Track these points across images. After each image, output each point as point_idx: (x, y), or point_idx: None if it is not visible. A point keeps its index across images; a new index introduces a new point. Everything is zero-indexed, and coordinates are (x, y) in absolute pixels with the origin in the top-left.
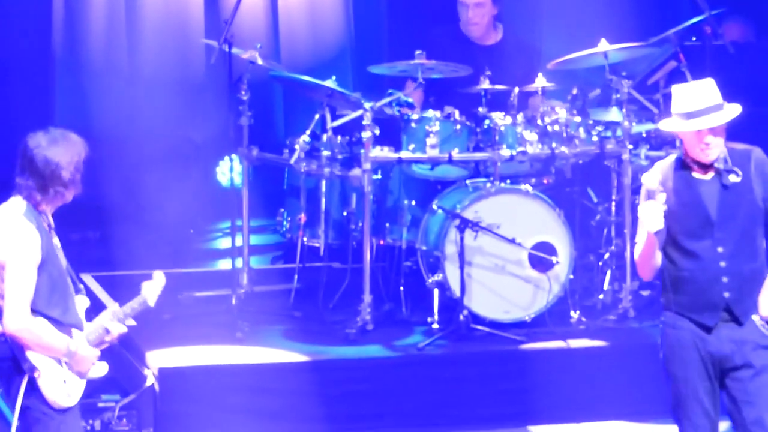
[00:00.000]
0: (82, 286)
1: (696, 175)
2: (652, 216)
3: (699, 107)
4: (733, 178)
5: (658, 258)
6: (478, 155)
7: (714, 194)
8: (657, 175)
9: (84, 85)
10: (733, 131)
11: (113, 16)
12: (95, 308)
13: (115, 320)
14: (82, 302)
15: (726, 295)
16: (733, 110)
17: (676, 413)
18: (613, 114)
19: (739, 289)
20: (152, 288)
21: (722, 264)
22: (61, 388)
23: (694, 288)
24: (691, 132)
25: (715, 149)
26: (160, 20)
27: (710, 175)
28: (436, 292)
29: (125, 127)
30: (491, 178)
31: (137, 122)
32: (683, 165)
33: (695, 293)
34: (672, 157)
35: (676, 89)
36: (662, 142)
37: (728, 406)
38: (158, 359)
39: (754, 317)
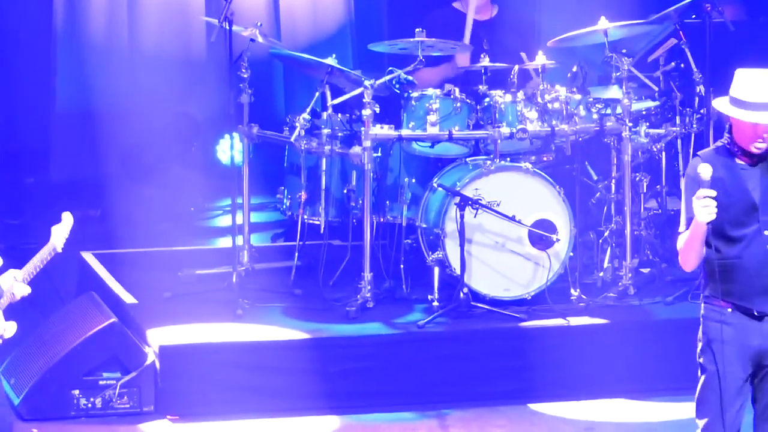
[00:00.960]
0: None
1: (738, 161)
2: (706, 207)
3: (756, 100)
4: None
5: (703, 248)
6: (478, 133)
7: (757, 180)
8: (706, 165)
9: (85, 62)
10: None
11: None
12: (92, 285)
13: (20, 281)
14: None
15: None
16: None
17: (703, 406)
18: (613, 91)
19: None
20: (60, 232)
21: None
22: None
23: (743, 276)
24: (746, 126)
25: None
26: None
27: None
28: (436, 269)
29: (126, 104)
30: (491, 156)
31: (138, 100)
32: (728, 152)
33: (745, 280)
34: (714, 146)
35: (741, 72)
36: (662, 120)
37: (756, 397)
38: (159, 337)
39: None
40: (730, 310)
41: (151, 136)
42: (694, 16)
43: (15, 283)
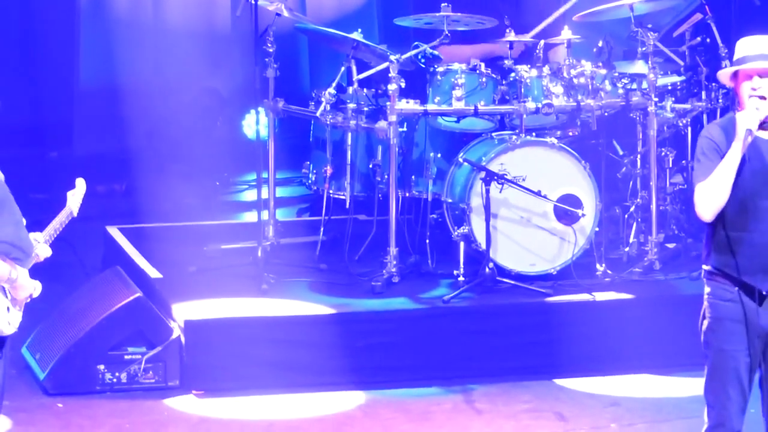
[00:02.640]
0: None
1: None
2: (749, 117)
3: (751, 53)
4: None
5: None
6: (504, 108)
7: None
8: (720, 131)
9: (109, 37)
10: None
11: None
12: (117, 260)
13: (42, 243)
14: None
15: None
16: None
17: (712, 385)
18: (639, 66)
19: None
20: (75, 196)
21: None
22: (4, 316)
23: (754, 251)
24: (744, 83)
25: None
26: None
27: (767, 134)
28: (461, 244)
29: (151, 79)
30: (517, 131)
31: (163, 75)
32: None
33: (756, 256)
34: (728, 116)
35: (739, 42)
36: (688, 95)
37: (763, 376)
38: (184, 312)
39: None
40: (736, 288)
41: (177, 110)
42: None
43: (38, 245)
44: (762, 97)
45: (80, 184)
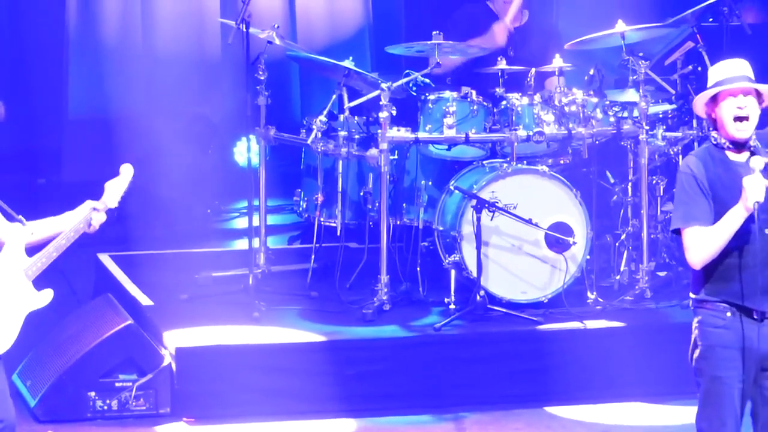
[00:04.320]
0: (21, 217)
1: (732, 157)
2: (758, 189)
3: (732, 74)
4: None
5: None
6: (495, 135)
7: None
8: (698, 162)
9: (98, 65)
10: None
11: None
12: (108, 287)
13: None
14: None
15: None
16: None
17: (705, 412)
18: (630, 94)
19: None
20: (115, 187)
21: None
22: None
23: (744, 275)
24: (725, 104)
25: (750, 123)
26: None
27: (746, 155)
28: (452, 272)
29: (141, 107)
30: (508, 159)
31: (153, 102)
32: (718, 148)
33: (746, 279)
34: (704, 146)
35: (710, 69)
36: (679, 123)
37: (755, 404)
38: (175, 339)
39: None
40: (729, 314)
41: (168, 138)
42: (711, 20)
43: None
44: (746, 118)
45: (126, 170)
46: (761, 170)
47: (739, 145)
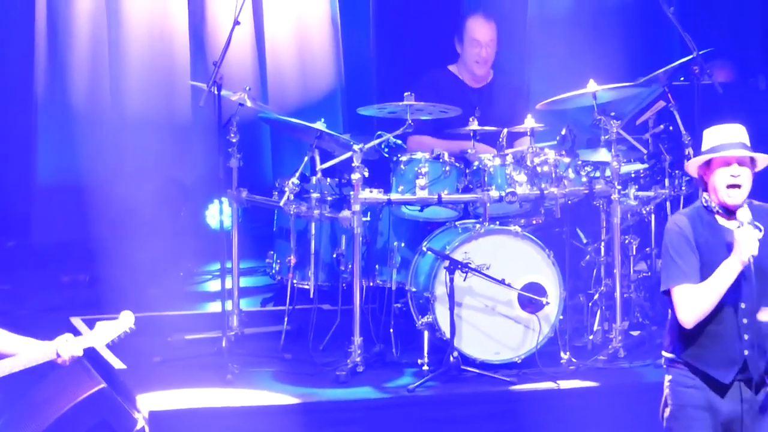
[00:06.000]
0: None
1: (721, 221)
2: (751, 242)
3: (729, 141)
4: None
5: None
6: (468, 196)
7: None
8: (687, 221)
9: (67, 129)
10: None
11: (96, 60)
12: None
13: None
14: None
15: (746, 352)
16: (766, 156)
17: None
18: (602, 154)
19: (757, 347)
20: (106, 331)
21: (744, 320)
22: None
23: (715, 343)
24: (720, 170)
25: (742, 190)
26: (144, 63)
27: (735, 224)
28: (426, 333)
29: (113, 169)
30: (481, 219)
31: (125, 165)
32: (707, 211)
33: (716, 349)
34: (694, 206)
35: (707, 131)
36: (651, 182)
37: None
38: (149, 402)
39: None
40: (698, 378)
41: (140, 200)
42: (682, 79)
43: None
44: (738, 186)
45: (126, 317)
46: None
47: (729, 211)
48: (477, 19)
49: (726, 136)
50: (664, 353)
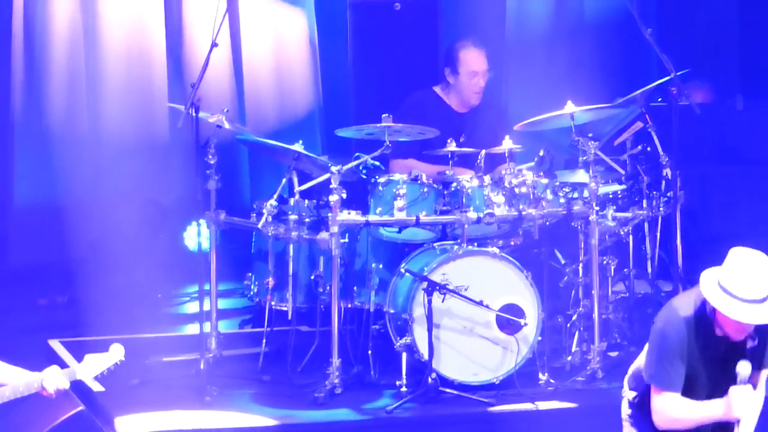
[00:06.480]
0: None
1: (717, 332)
2: (745, 403)
3: (753, 297)
4: (749, 343)
5: None
6: (446, 218)
7: (731, 354)
8: (687, 330)
9: (45, 150)
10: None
11: (74, 81)
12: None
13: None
14: None
15: None
16: None
17: None
18: (580, 175)
19: None
20: (95, 362)
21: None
22: None
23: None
24: (733, 322)
25: (749, 330)
26: (122, 85)
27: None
28: (404, 354)
29: (90, 191)
30: (459, 241)
31: (102, 186)
32: (708, 320)
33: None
34: (692, 310)
35: (735, 256)
36: (629, 203)
37: None
38: (127, 425)
39: None
40: None
41: (118, 222)
42: (660, 99)
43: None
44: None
45: (116, 350)
46: (748, 348)
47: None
48: (470, 51)
49: (747, 289)
50: (629, 392)
